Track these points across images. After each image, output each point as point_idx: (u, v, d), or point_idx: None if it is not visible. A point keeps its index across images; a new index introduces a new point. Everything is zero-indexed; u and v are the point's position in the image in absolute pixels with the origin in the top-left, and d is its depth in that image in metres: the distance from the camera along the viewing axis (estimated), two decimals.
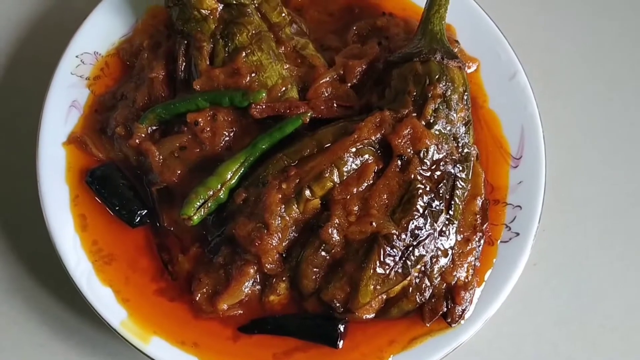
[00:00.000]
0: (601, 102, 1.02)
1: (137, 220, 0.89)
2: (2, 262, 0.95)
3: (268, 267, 0.83)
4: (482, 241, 0.88)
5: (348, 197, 0.83)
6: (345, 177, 0.83)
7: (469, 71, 0.94)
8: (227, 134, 0.88)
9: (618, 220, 0.98)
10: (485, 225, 0.89)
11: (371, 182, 0.84)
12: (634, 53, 1.03)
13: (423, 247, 0.83)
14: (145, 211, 0.90)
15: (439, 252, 0.85)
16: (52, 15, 1.03)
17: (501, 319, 0.90)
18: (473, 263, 0.87)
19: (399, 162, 0.84)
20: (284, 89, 0.89)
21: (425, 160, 0.84)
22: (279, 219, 0.82)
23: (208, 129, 0.87)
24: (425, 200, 0.83)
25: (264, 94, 0.87)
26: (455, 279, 0.86)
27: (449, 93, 0.85)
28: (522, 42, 0.96)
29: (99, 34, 0.94)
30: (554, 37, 1.04)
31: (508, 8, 1.02)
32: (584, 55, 1.04)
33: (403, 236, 0.82)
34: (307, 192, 0.83)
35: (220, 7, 0.90)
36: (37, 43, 1.02)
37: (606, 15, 1.04)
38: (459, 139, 0.87)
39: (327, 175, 0.83)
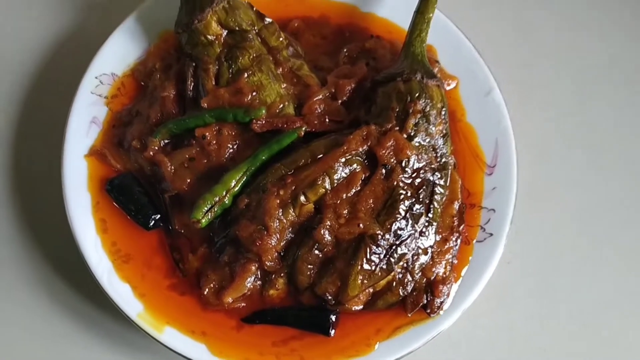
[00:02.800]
0: (569, 115, 1.05)
1: (151, 224, 0.93)
2: (31, 262, 0.98)
3: (268, 264, 0.88)
4: (459, 241, 0.92)
5: (338, 201, 0.87)
6: (335, 184, 0.88)
7: (448, 88, 0.98)
8: (231, 146, 0.92)
9: (584, 222, 1.01)
10: (462, 227, 0.92)
11: (359, 188, 0.88)
12: (600, 71, 1.06)
13: (405, 246, 0.87)
14: (159, 215, 0.93)
15: (420, 251, 0.89)
16: (73, 40, 1.05)
17: (477, 311, 0.94)
18: (451, 260, 0.91)
19: (384, 171, 0.88)
20: (281, 105, 0.93)
21: (406, 169, 0.88)
22: (277, 221, 0.87)
23: (214, 142, 0.91)
24: (407, 205, 0.88)
25: (263, 111, 0.90)
26: (435, 274, 0.90)
27: (428, 109, 0.90)
28: (497, 62, 1.00)
29: (116, 57, 0.97)
30: (526, 57, 1.06)
31: (485, 30, 1.05)
32: (554, 72, 1.06)
33: (387, 236, 0.87)
34: (302, 198, 0.87)
35: (225, 33, 0.93)
36: (60, 65, 1.04)
37: (576, 36, 1.07)
38: (438, 150, 0.91)
39: (319, 182, 0.87)
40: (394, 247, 0.87)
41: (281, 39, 0.96)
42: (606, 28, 1.08)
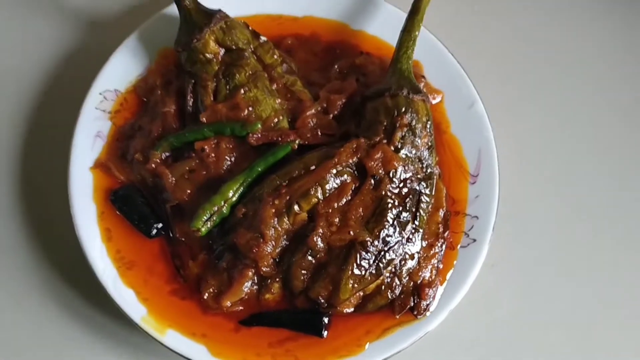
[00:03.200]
0: (547, 127, 1.06)
1: (153, 232, 0.94)
2: (40, 269, 1.00)
3: (264, 270, 0.90)
4: (444, 246, 0.94)
5: (330, 210, 0.89)
6: (327, 194, 0.89)
7: (434, 102, 0.99)
8: (228, 158, 0.93)
9: (562, 227, 1.03)
10: (446, 233, 0.94)
11: (349, 198, 0.90)
12: (577, 83, 1.08)
13: (393, 252, 0.89)
14: (161, 224, 0.95)
15: (407, 256, 0.91)
16: (78, 58, 1.07)
17: (462, 311, 0.96)
18: (436, 265, 0.93)
19: (372, 181, 0.90)
20: (276, 120, 0.94)
21: (394, 179, 0.90)
22: (273, 229, 0.88)
23: (213, 154, 0.92)
24: (394, 213, 0.90)
25: (259, 125, 0.92)
26: (421, 278, 0.92)
27: (414, 123, 0.92)
28: (479, 76, 1.01)
29: (119, 74, 0.98)
30: (507, 71, 1.08)
31: (468, 47, 1.06)
32: (533, 86, 1.08)
33: (376, 243, 0.88)
34: (296, 207, 0.89)
35: (222, 52, 0.95)
36: (66, 82, 1.05)
37: (555, 52, 1.09)
38: (424, 161, 0.93)
39: (312, 192, 0.89)
40: (382, 253, 0.89)
41: (275, 56, 0.97)
42: (585, 43, 1.10)
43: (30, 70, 1.06)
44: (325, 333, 0.91)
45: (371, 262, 0.89)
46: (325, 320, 0.91)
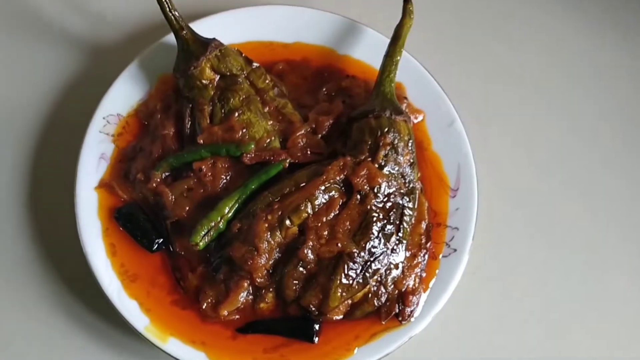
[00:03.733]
0: (522, 142, 1.09)
1: (155, 247, 0.96)
2: (48, 283, 1.01)
3: (258, 281, 0.92)
4: (426, 256, 0.96)
5: (319, 224, 0.91)
6: (317, 209, 0.92)
7: (416, 121, 1.02)
8: (224, 177, 0.95)
9: (538, 236, 1.06)
10: (429, 244, 0.97)
11: (337, 212, 0.92)
12: (551, 101, 1.11)
13: (378, 262, 0.92)
14: (162, 239, 0.97)
15: (392, 266, 0.93)
16: (82, 85, 1.08)
17: (446, 316, 0.99)
18: (419, 274, 0.95)
19: (358, 196, 0.92)
20: (268, 140, 0.96)
21: (378, 194, 0.92)
22: (266, 243, 0.91)
23: (210, 174, 0.95)
24: (379, 226, 0.92)
25: (253, 146, 0.94)
26: (405, 286, 0.94)
27: (397, 142, 0.94)
28: (458, 96, 1.04)
29: (121, 99, 1.00)
30: (484, 92, 1.11)
31: (447, 69, 1.09)
32: (509, 104, 1.10)
33: (362, 254, 0.91)
34: (288, 222, 0.91)
35: (217, 78, 0.97)
36: (71, 107, 1.07)
37: (527, 71, 1.12)
38: (406, 177, 0.95)
39: (303, 208, 0.91)
40: (368, 263, 0.91)
41: (267, 81, 0.99)
42: (557, 64, 1.13)
43: (38, 97, 1.08)
44: (316, 339, 0.93)
45: (358, 272, 0.91)
46: (316, 327, 0.93)
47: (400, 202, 0.95)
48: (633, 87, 1.13)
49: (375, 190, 0.93)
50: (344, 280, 0.91)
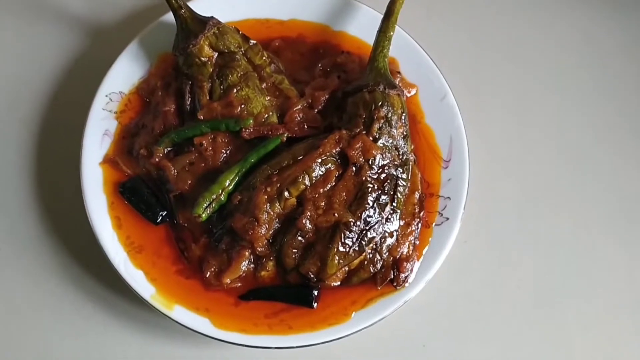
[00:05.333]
0: (513, 115, 1.11)
1: (159, 219, 0.98)
2: (57, 256, 1.03)
3: (259, 250, 0.93)
4: (419, 225, 0.98)
5: (316, 195, 0.93)
6: (314, 181, 0.93)
7: (409, 95, 1.03)
8: (224, 152, 0.97)
9: (528, 207, 1.07)
10: (422, 213, 0.98)
11: (333, 184, 0.94)
12: (542, 76, 1.12)
13: (374, 231, 0.94)
14: (165, 212, 0.98)
15: (387, 234, 0.95)
16: (85, 63, 1.10)
17: (438, 282, 1.01)
18: (413, 241, 0.98)
19: (354, 168, 0.94)
20: (266, 115, 0.98)
21: (373, 166, 0.94)
22: (266, 214, 0.92)
23: (210, 148, 0.96)
24: (374, 196, 0.94)
25: (251, 121, 0.96)
26: (400, 253, 0.96)
27: (390, 115, 0.96)
28: (450, 70, 1.06)
29: (122, 77, 1.02)
30: (475, 66, 1.12)
31: (440, 44, 1.10)
32: (500, 79, 1.12)
33: (358, 223, 0.93)
34: (286, 193, 0.92)
35: (216, 55, 0.98)
36: (75, 86, 1.09)
37: (520, 46, 1.13)
38: (400, 149, 0.97)
39: (300, 180, 0.93)
40: (364, 232, 0.93)
41: (264, 57, 1.01)
42: (547, 39, 1.14)
43: (42, 76, 1.09)
44: (315, 304, 0.95)
45: (354, 240, 0.93)
46: (315, 293, 0.95)
47: (394, 173, 0.97)
48: (625, 58, 1.14)
49: (370, 162, 0.95)
50: (341, 249, 0.93)
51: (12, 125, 1.08)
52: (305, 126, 0.99)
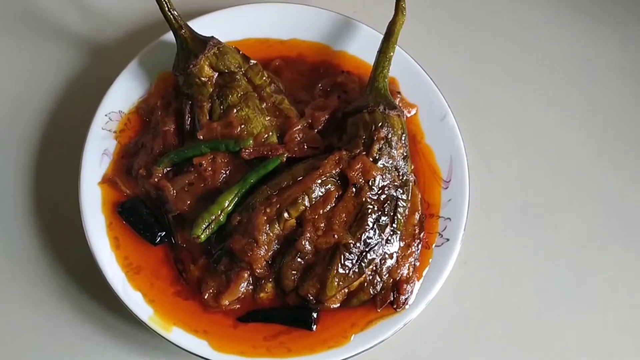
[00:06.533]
0: (512, 135, 1.11)
1: (157, 240, 0.98)
2: (55, 276, 1.03)
3: (258, 271, 0.93)
4: (420, 246, 0.98)
5: (316, 216, 0.93)
6: (314, 202, 0.93)
7: (409, 115, 1.03)
8: (224, 172, 0.97)
9: (528, 227, 1.08)
10: (422, 234, 0.98)
11: (333, 204, 0.94)
12: (540, 95, 1.12)
13: (374, 252, 0.94)
14: (164, 232, 0.98)
15: (386, 255, 0.95)
16: (84, 83, 1.10)
17: (439, 304, 1.01)
18: (413, 263, 0.97)
19: (354, 189, 0.94)
20: (266, 135, 0.98)
21: (373, 187, 0.94)
22: (265, 235, 0.92)
23: (210, 168, 0.96)
24: (374, 217, 0.94)
25: (251, 141, 0.96)
26: (400, 275, 0.96)
27: (390, 136, 0.96)
28: (450, 90, 1.06)
29: (122, 96, 1.02)
30: (475, 86, 1.12)
31: (440, 64, 1.11)
32: (499, 98, 1.12)
33: (358, 245, 0.93)
34: (286, 214, 0.93)
35: (216, 75, 0.98)
36: (74, 105, 1.09)
37: (517, 66, 1.14)
38: (400, 169, 0.97)
39: (300, 201, 0.93)
40: (364, 254, 0.93)
41: (264, 77, 1.01)
42: (544, 58, 1.14)
43: (42, 94, 1.10)
44: (314, 327, 0.95)
45: (354, 261, 0.93)
46: (314, 315, 0.95)
47: (394, 194, 0.97)
48: (623, 78, 1.15)
49: (370, 183, 0.95)
50: (341, 270, 0.93)
51: (11, 143, 1.08)
52: (305, 146, 0.99)
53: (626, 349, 1.05)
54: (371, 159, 0.96)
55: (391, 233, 0.96)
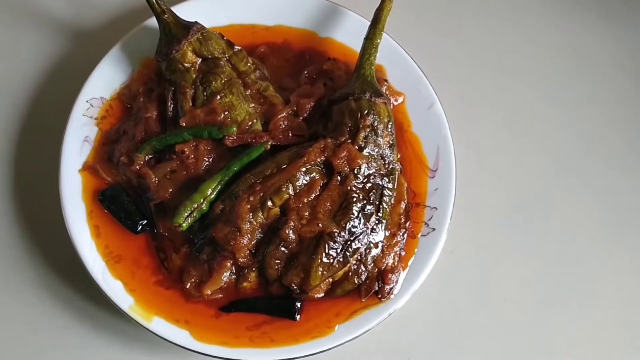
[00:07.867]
0: (500, 125, 1.11)
1: (139, 228, 0.97)
2: (33, 265, 1.03)
3: (241, 261, 0.93)
4: (405, 235, 0.98)
5: (300, 205, 0.93)
6: (298, 190, 0.93)
7: (396, 103, 1.03)
8: (207, 159, 0.96)
9: (516, 217, 1.07)
10: (408, 223, 0.98)
11: (318, 193, 0.93)
12: (526, 85, 1.12)
13: (358, 241, 0.93)
14: (145, 221, 0.97)
15: (372, 245, 0.95)
16: (65, 68, 1.09)
17: (424, 294, 1.00)
18: (399, 252, 0.97)
19: (339, 178, 0.94)
20: (250, 123, 0.97)
21: (358, 176, 0.94)
22: (248, 223, 0.92)
23: (192, 156, 0.96)
24: (359, 206, 0.93)
25: (234, 128, 0.95)
26: (385, 264, 0.96)
27: (376, 124, 0.95)
28: (438, 79, 1.06)
29: (104, 83, 1.01)
30: (463, 75, 1.12)
31: (428, 52, 1.10)
32: (487, 88, 1.12)
33: (343, 234, 0.92)
34: (269, 203, 0.92)
35: (199, 61, 0.98)
36: (54, 91, 1.08)
37: (506, 55, 1.14)
38: (386, 158, 0.96)
39: (284, 189, 0.92)
40: (349, 243, 0.93)
41: (249, 64, 1.00)
42: (534, 48, 1.14)
43: (21, 80, 1.09)
44: (298, 317, 0.95)
45: (339, 251, 0.93)
46: (298, 305, 0.95)
47: (380, 182, 0.96)
48: (614, 68, 1.15)
49: (355, 172, 0.95)
50: (325, 259, 0.93)
51: None
52: (290, 134, 0.99)
53: (614, 342, 1.05)
54: (357, 147, 0.95)
55: (376, 222, 0.96)
